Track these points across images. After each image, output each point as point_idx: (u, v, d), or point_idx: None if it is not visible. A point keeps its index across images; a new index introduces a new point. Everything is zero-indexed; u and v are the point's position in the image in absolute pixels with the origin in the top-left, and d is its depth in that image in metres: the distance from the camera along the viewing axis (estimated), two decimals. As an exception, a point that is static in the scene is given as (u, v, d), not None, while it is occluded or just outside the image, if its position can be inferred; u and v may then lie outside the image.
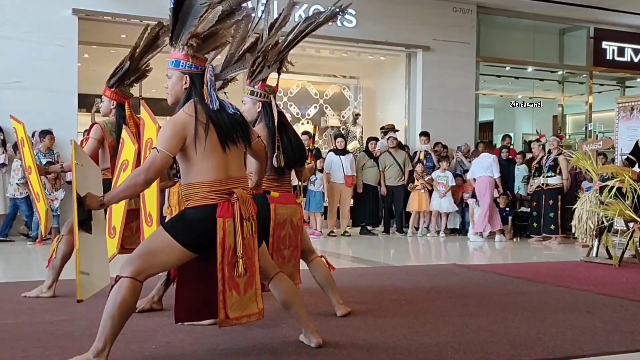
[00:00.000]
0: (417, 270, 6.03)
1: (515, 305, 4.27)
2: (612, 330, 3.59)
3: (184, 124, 2.67)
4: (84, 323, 3.47)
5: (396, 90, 11.90)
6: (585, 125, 12.94)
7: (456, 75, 11.36)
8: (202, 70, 2.76)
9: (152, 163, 2.65)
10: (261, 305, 2.85)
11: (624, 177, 6.32)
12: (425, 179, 9.49)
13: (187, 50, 2.74)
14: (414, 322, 3.70)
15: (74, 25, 9.00)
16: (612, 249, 6.52)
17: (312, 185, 9.06)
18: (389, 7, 10.90)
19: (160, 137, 2.68)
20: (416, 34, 11.12)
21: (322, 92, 12.80)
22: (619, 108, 8.32)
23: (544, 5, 11.48)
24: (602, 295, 4.68)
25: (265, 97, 3.63)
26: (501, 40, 12.32)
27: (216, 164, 2.71)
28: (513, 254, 8.04)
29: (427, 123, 11.04)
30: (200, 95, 2.73)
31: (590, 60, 12.84)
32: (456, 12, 11.43)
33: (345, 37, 10.77)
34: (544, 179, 8.66)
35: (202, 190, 2.70)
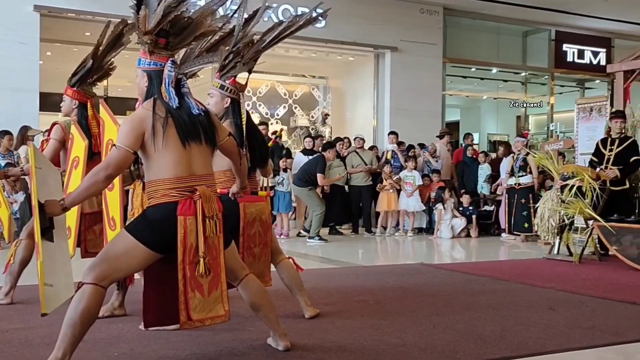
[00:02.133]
0: (385, 270, 6.04)
1: (481, 303, 4.31)
2: (573, 326, 3.65)
3: (142, 119, 2.62)
4: (43, 331, 3.35)
5: (365, 91, 11.92)
6: (547, 126, 13.18)
7: (423, 76, 11.44)
8: (162, 67, 2.70)
9: (112, 159, 2.58)
10: (227, 307, 2.76)
11: (583, 176, 6.45)
12: (394, 178, 9.53)
13: (146, 48, 2.69)
14: (382, 322, 3.70)
15: (35, 22, 8.75)
16: (573, 247, 6.64)
17: (280, 186, 9.01)
18: (357, 8, 10.91)
19: (119, 134, 2.63)
20: (384, 35, 11.16)
21: (291, 92, 12.75)
22: (578, 109, 8.47)
23: (508, 8, 11.65)
24: (563, 292, 4.76)
25: (234, 94, 3.57)
26: (467, 42, 12.46)
27: (177, 161, 2.63)
28: (478, 253, 8.13)
29: (395, 123, 11.09)
30: (159, 92, 2.68)
31: (551, 62, 13.08)
32: (423, 13, 11.51)
33: (314, 37, 10.72)
34: (515, 178, 8.75)
35: (163, 188, 2.62)
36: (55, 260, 2.68)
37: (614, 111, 7.35)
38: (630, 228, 6.04)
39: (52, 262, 2.63)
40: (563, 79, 13.73)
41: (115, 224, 3.41)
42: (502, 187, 9.31)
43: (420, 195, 9.65)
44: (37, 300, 4.27)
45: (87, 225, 3.86)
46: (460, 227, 9.26)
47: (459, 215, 9.28)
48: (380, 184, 9.61)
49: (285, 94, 12.69)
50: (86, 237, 3.82)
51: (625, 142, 6.80)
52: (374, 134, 11.51)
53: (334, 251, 7.80)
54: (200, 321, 2.68)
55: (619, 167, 6.65)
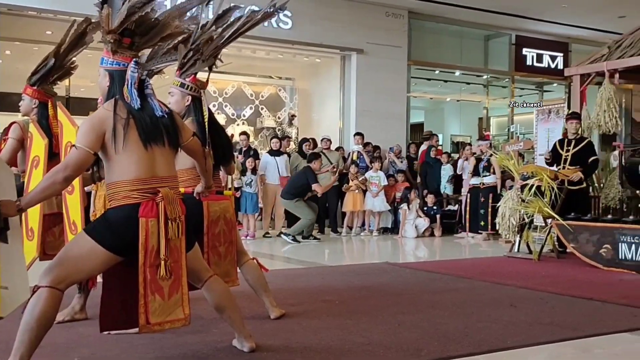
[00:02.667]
0: (351, 269, 6.04)
1: (444, 301, 4.35)
2: (533, 322, 3.70)
3: (102, 119, 2.56)
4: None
5: (331, 92, 11.92)
6: (508, 127, 13.41)
7: (389, 78, 11.51)
8: (125, 67, 2.64)
9: (71, 160, 2.51)
10: (187, 310, 2.70)
11: (542, 176, 6.57)
12: (359, 179, 9.55)
13: (109, 47, 2.63)
14: (348, 322, 3.68)
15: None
16: (532, 244, 6.76)
17: (247, 187, 8.94)
18: (324, 10, 10.91)
19: (79, 134, 2.56)
20: (350, 37, 11.18)
21: (257, 93, 12.67)
22: (537, 111, 8.64)
23: (470, 12, 11.81)
24: (524, 289, 4.83)
25: (195, 91, 3.50)
26: (431, 45, 12.58)
27: (137, 162, 2.57)
28: (442, 252, 8.22)
29: (361, 124, 11.13)
30: (121, 93, 2.61)
31: (512, 66, 13.31)
32: (389, 16, 11.57)
33: (281, 39, 10.70)
34: (480, 178, 8.86)
35: (124, 189, 2.56)
36: (10, 262, 2.59)
37: (570, 113, 7.52)
38: (587, 226, 6.17)
39: (7, 264, 2.54)
40: (523, 82, 13.99)
41: (77, 228, 3.31)
42: None
43: (385, 196, 9.70)
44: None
45: (46, 227, 3.73)
46: (424, 226, 9.35)
47: (423, 215, 9.36)
48: (346, 184, 9.62)
49: (251, 95, 12.61)
50: (45, 239, 3.69)
51: (581, 143, 6.97)
52: (340, 135, 11.52)
53: (300, 251, 7.77)
54: (159, 325, 2.61)
55: (576, 166, 6.81)
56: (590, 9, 11.63)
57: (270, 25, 10.54)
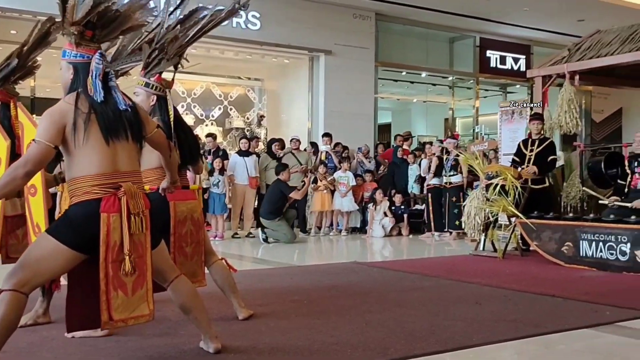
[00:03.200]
0: (319, 269, 6.03)
1: (411, 300, 4.36)
2: (498, 319, 3.74)
3: (62, 113, 2.49)
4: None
5: (300, 93, 11.91)
6: (473, 128, 13.60)
7: (356, 79, 11.55)
8: (89, 59, 2.58)
9: (31, 155, 2.44)
10: (152, 306, 2.64)
11: (506, 175, 6.67)
12: (328, 179, 9.55)
13: (71, 39, 2.56)
14: (316, 321, 3.67)
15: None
16: (497, 243, 6.86)
17: (215, 188, 8.84)
18: (292, 12, 10.88)
19: (39, 128, 2.49)
20: (319, 38, 11.18)
21: (226, 94, 12.57)
22: (501, 112, 8.77)
23: (436, 15, 11.94)
24: (489, 287, 4.89)
25: (160, 91, 3.46)
26: (398, 47, 12.68)
27: (100, 157, 2.52)
28: (409, 251, 8.27)
29: (329, 125, 11.13)
30: (84, 85, 2.54)
31: (476, 67, 13.51)
32: (356, 18, 11.61)
33: (249, 40, 10.64)
34: (446, 177, 8.89)
35: (85, 185, 2.49)
36: None
37: (532, 114, 7.67)
38: (549, 224, 6.29)
39: None
40: (487, 84, 14.20)
41: (40, 230, 3.21)
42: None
43: (353, 195, 9.72)
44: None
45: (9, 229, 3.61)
46: (389, 226, 9.40)
47: (389, 215, 9.42)
48: (315, 184, 9.61)
49: (220, 96, 12.50)
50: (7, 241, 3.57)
51: (544, 143, 7.10)
52: (308, 135, 11.51)
53: (268, 252, 7.72)
54: (122, 321, 2.56)
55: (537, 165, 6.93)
56: (551, 13, 11.88)
57: (238, 26, 10.47)
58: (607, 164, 7.96)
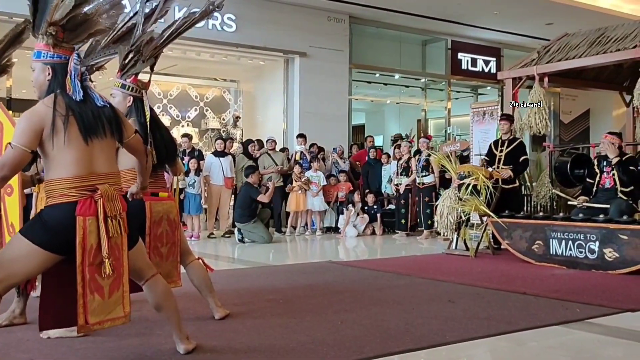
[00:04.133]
0: (295, 269, 6.01)
1: (386, 299, 4.38)
2: (471, 317, 3.77)
3: (41, 116, 2.43)
4: None
5: (275, 94, 11.87)
6: (445, 129, 13.73)
7: (331, 81, 11.57)
8: (66, 60, 2.53)
9: (7, 159, 2.39)
10: (128, 309, 2.61)
11: (478, 175, 6.74)
12: (302, 179, 9.53)
13: (47, 40, 2.50)
14: (291, 321, 3.65)
15: None
16: (469, 242, 6.92)
17: (191, 188, 8.76)
18: (267, 14, 10.85)
19: (16, 132, 2.43)
20: (293, 40, 11.17)
21: (202, 95, 12.47)
22: (473, 113, 8.87)
23: (408, 18, 12.03)
24: (461, 285, 4.93)
25: (137, 92, 3.43)
26: (371, 49, 12.73)
27: (77, 159, 2.47)
28: (383, 250, 8.30)
29: (304, 126, 11.13)
30: (62, 86, 2.50)
31: (448, 70, 13.64)
32: (330, 21, 11.63)
33: (225, 42, 10.57)
34: (419, 178, 8.93)
35: (61, 187, 2.45)
36: None
37: (501, 114, 7.78)
38: (520, 223, 6.37)
39: None
40: (459, 85, 14.35)
41: (14, 230, 3.14)
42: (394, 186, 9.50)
43: (326, 195, 9.73)
44: None
45: None
46: (362, 225, 9.44)
47: (361, 214, 9.46)
48: (290, 185, 9.59)
49: (196, 97, 12.39)
50: None
51: (513, 143, 7.20)
52: (284, 136, 11.49)
53: (245, 251, 7.68)
54: (98, 324, 2.52)
55: (509, 166, 7.02)
56: (520, 17, 12.06)
57: (214, 28, 10.39)
58: (573, 165, 8.12)
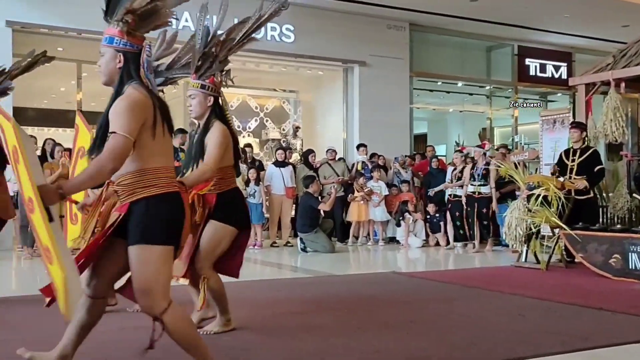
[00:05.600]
0: (358, 279, 6.02)
1: (452, 310, 4.32)
2: (542, 332, 3.66)
3: (144, 106, 2.36)
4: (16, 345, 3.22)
5: (334, 104, 11.97)
6: (512, 137, 13.41)
7: (391, 90, 11.54)
8: (138, 49, 2.47)
9: (118, 150, 2.28)
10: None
11: (549, 186, 6.54)
12: (365, 190, 9.54)
13: (121, 27, 2.43)
14: (356, 331, 3.66)
15: (7, 38, 8.60)
16: (540, 254, 6.72)
17: (252, 198, 8.95)
18: (326, 24, 10.98)
19: (121, 121, 2.30)
20: (352, 50, 11.24)
21: (262, 106, 12.72)
22: (542, 121, 8.62)
23: (472, 24, 11.86)
24: (532, 299, 4.78)
25: (215, 92, 3.59)
26: (433, 57, 12.63)
27: (168, 150, 2.47)
28: (447, 261, 8.17)
29: (364, 135, 11.14)
30: (131, 75, 2.43)
31: (515, 76, 13.34)
32: (390, 29, 11.64)
33: (284, 52, 10.77)
34: (475, 187, 8.64)
35: (166, 176, 2.41)
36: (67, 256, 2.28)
37: (572, 122, 7.52)
38: (595, 236, 6.12)
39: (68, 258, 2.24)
40: (526, 92, 14.00)
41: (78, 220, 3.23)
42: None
43: (389, 205, 9.69)
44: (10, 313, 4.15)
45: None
46: (422, 236, 9.32)
47: (422, 223, 9.37)
48: (351, 194, 9.62)
49: (256, 108, 12.66)
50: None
51: (586, 152, 6.94)
52: (343, 146, 11.54)
53: (307, 261, 7.74)
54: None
55: (583, 176, 6.77)
56: (593, 19, 11.65)
57: (273, 39, 10.62)
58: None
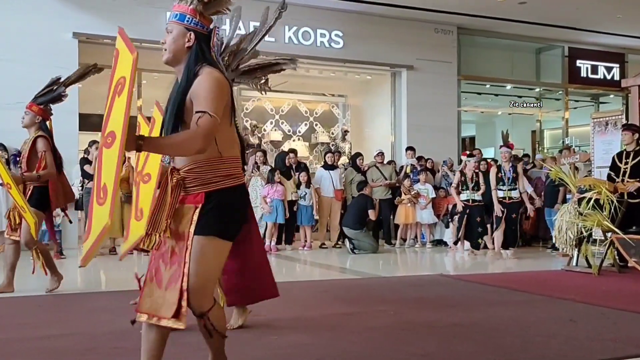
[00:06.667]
0: (405, 280, 5.95)
1: (500, 314, 4.21)
2: (595, 338, 3.52)
3: (226, 86, 2.17)
4: (81, 338, 3.36)
5: (382, 108, 11.91)
6: (562, 140, 13.00)
7: (439, 93, 11.39)
8: (206, 31, 2.29)
9: (210, 130, 2.06)
10: None
11: (601, 189, 6.30)
12: (412, 193, 9.44)
13: (195, 5, 2.27)
14: (402, 332, 3.62)
15: (74, 49, 8.95)
16: (592, 258, 6.47)
17: (302, 200, 9.00)
18: (374, 29, 10.94)
19: (208, 100, 2.10)
20: (400, 54, 11.16)
21: (312, 110, 12.79)
22: (594, 123, 8.31)
23: (521, 26, 11.57)
24: (584, 304, 4.61)
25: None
26: (481, 60, 12.39)
27: (236, 139, 2.30)
28: (495, 264, 7.97)
29: (412, 139, 11.04)
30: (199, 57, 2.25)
31: (565, 78, 12.93)
32: (438, 33, 11.49)
33: (333, 58, 10.79)
34: (505, 192, 7.89)
35: (237, 166, 2.24)
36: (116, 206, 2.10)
37: (624, 124, 7.21)
38: (650, 240, 5.86)
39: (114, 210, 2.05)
40: (577, 94, 13.55)
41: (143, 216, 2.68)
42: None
43: (436, 208, 9.55)
44: (75, 308, 4.32)
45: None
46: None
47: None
48: (399, 197, 9.54)
49: (306, 112, 12.74)
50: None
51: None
52: (391, 149, 11.47)
53: (355, 262, 7.72)
54: None
55: (636, 179, 6.49)
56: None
57: (322, 45, 10.66)
58: None
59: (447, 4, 10.51)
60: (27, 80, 8.52)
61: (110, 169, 2.00)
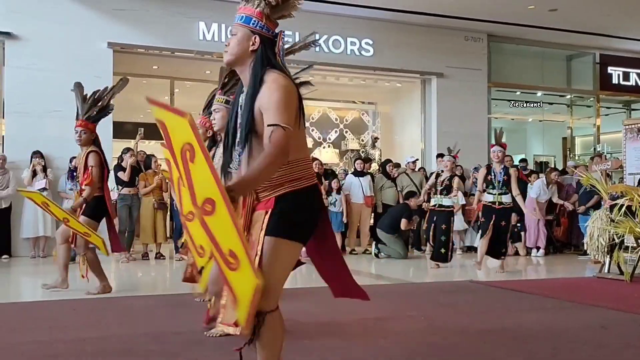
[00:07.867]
0: (435, 287, 5.92)
1: (531, 321, 4.16)
2: (627, 345, 3.47)
3: (294, 94, 2.12)
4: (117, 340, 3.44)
5: (412, 115, 11.87)
6: (594, 146, 12.74)
7: (469, 100, 11.31)
8: (271, 35, 2.20)
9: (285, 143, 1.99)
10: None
11: (633, 195, 6.17)
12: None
13: (262, 8, 2.17)
14: (433, 337, 3.62)
15: (109, 58, 9.16)
16: (624, 265, 6.34)
17: (332, 207, 9.03)
18: (404, 37, 10.93)
19: (282, 112, 2.02)
20: (430, 62, 11.12)
21: (342, 117, 12.83)
22: (625, 130, 8.14)
23: (552, 33, 11.40)
24: (616, 311, 4.53)
25: None
26: (511, 67, 12.25)
27: (306, 140, 2.26)
28: (526, 271, 7.86)
29: (442, 146, 10.92)
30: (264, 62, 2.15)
31: (596, 85, 12.68)
32: (468, 40, 11.42)
33: (363, 65, 10.82)
34: (494, 196, 7.02)
35: (311, 166, 2.21)
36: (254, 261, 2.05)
37: (656, 131, 7.05)
38: (684, 247, 5.70)
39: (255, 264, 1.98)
40: (608, 101, 13.27)
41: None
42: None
43: (467, 214, 9.45)
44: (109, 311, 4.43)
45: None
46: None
47: None
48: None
49: (336, 119, 12.79)
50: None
51: (675, 162, 6.49)
52: (421, 156, 11.42)
53: (385, 268, 7.71)
54: None
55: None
56: (680, 25, 10.89)
57: (352, 53, 10.69)
58: None
59: (477, 11, 10.45)
60: (64, 90, 8.73)
61: (227, 235, 1.86)
